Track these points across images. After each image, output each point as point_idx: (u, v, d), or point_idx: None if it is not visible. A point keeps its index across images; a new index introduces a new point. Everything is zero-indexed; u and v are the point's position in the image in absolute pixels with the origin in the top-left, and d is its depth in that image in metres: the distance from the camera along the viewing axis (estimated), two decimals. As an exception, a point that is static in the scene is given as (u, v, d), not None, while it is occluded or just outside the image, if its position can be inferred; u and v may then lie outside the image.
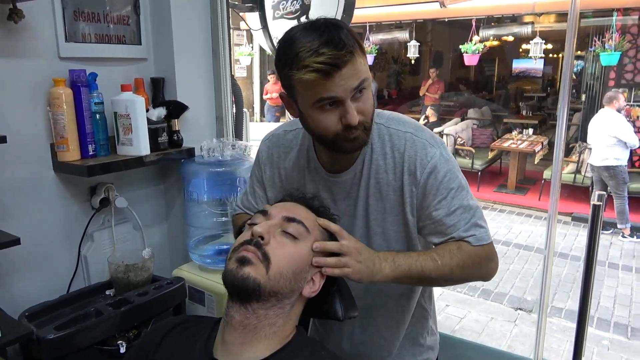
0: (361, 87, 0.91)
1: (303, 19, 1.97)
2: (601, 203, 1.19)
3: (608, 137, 4.99)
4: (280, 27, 2.01)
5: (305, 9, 1.95)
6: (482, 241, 0.99)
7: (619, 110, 5.05)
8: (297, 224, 0.88)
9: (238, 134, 1.89)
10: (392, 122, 1.04)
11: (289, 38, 0.90)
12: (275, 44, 2.03)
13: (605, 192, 4.67)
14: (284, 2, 1.96)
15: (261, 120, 7.00)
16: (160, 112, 1.60)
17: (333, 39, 0.86)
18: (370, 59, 8.38)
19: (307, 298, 0.90)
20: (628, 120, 5.42)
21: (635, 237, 5.09)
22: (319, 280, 0.89)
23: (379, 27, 8.81)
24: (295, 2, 1.93)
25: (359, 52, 0.89)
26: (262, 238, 0.84)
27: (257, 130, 4.40)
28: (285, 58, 0.89)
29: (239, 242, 0.87)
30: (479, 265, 1.00)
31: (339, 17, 1.92)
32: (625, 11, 6.46)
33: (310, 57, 0.85)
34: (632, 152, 6.40)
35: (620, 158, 5.01)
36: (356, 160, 1.04)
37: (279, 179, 1.15)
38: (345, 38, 0.87)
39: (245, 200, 1.24)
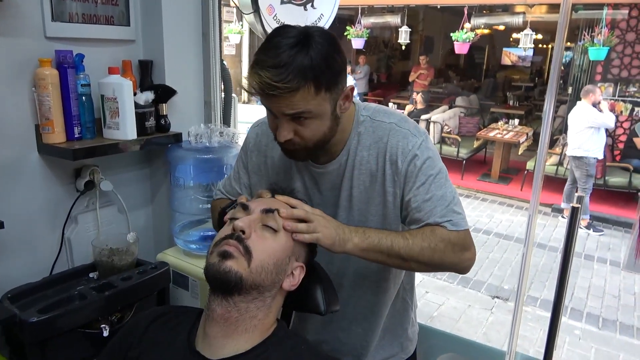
0: (299, 117, 0.92)
1: (309, 7, 1.99)
2: (580, 205, 1.22)
3: (582, 128, 5.05)
4: (287, 12, 2.00)
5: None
6: (457, 226, 0.98)
7: (594, 105, 5.07)
8: (275, 214, 0.89)
9: (226, 120, 1.88)
10: (377, 114, 1.07)
11: (266, 39, 0.92)
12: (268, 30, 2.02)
13: (575, 185, 4.61)
14: None
15: (249, 101, 6.91)
16: (148, 96, 1.58)
17: (280, 66, 0.86)
18: (361, 42, 8.34)
19: (287, 291, 0.91)
20: (614, 115, 5.50)
21: (592, 230, 5.19)
22: (298, 274, 0.91)
23: (371, 10, 8.73)
24: None
25: (307, 88, 0.87)
26: (244, 232, 0.85)
27: (245, 113, 4.36)
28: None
29: (221, 236, 0.88)
30: (452, 251, 0.97)
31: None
32: (615, 6, 6.50)
33: (251, 72, 0.89)
34: (614, 146, 6.52)
35: (589, 149, 5.05)
36: (341, 152, 1.06)
37: (265, 167, 1.17)
38: (297, 72, 0.85)
39: (228, 185, 1.25)
